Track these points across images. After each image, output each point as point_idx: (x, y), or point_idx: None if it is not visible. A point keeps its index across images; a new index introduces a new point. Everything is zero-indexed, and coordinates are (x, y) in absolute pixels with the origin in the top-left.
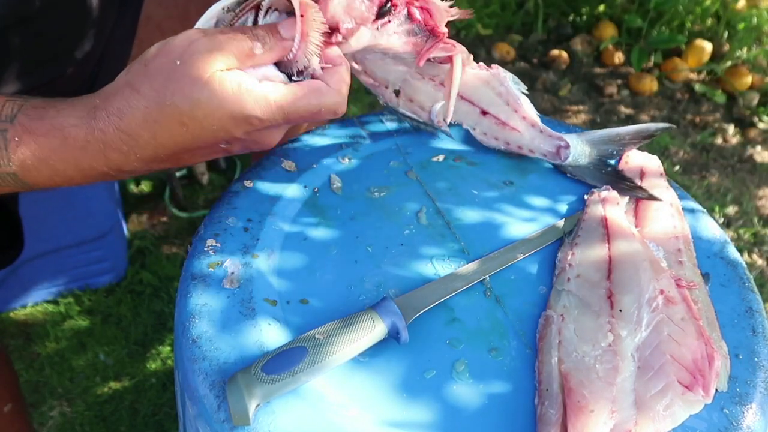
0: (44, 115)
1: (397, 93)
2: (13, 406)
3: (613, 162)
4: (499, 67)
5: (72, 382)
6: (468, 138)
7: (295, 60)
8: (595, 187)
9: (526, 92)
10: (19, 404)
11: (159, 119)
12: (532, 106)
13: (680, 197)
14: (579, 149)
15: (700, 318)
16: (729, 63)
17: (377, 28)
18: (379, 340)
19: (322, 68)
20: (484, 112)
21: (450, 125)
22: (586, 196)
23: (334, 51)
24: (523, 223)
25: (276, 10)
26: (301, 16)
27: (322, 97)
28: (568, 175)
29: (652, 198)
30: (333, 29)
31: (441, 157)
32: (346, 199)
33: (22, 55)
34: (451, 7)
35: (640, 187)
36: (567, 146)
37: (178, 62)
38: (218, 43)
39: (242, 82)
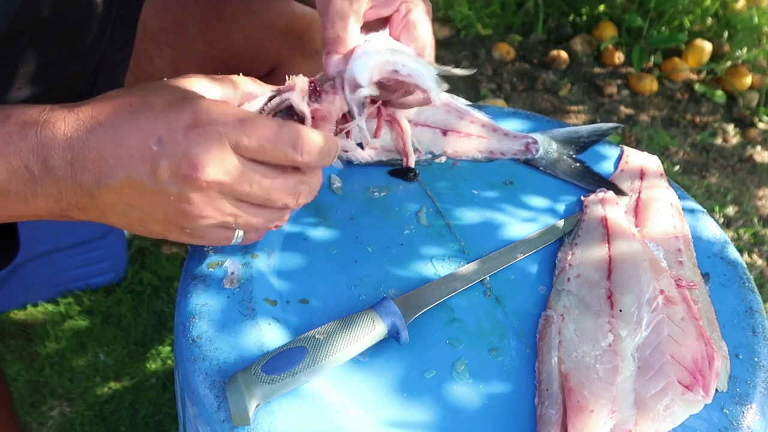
0: None
1: (361, 146)
2: (3, 415)
3: (581, 158)
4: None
5: (72, 382)
6: None
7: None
8: (582, 187)
9: (469, 103)
10: (10, 412)
11: (112, 97)
12: (483, 113)
13: (680, 197)
14: (547, 144)
15: (700, 318)
16: (729, 63)
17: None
18: (379, 340)
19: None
20: (444, 132)
21: (417, 149)
22: (582, 197)
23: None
24: (523, 223)
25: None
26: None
27: (299, 132)
28: (541, 169)
29: (619, 192)
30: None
31: (443, 159)
32: (346, 199)
33: (33, 59)
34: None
35: (609, 182)
36: (535, 141)
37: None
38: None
39: (212, 100)
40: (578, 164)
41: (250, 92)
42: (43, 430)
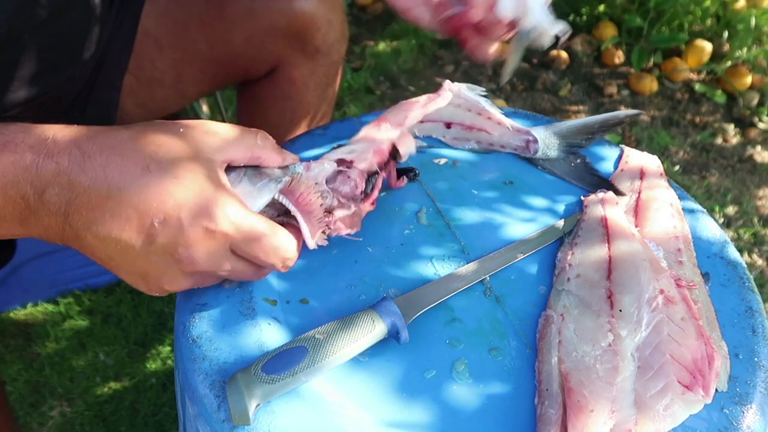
0: None
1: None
2: None
3: (583, 153)
4: (448, 82)
5: (72, 382)
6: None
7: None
8: (581, 187)
9: (484, 93)
10: (5, 411)
11: (125, 153)
12: (494, 105)
13: (680, 197)
14: (548, 142)
15: (700, 318)
16: (729, 63)
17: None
18: (379, 340)
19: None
20: (448, 125)
21: (416, 137)
22: (582, 197)
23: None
24: (522, 223)
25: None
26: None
27: (291, 250)
28: (539, 167)
29: (618, 193)
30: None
31: (443, 161)
32: None
33: (30, 61)
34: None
35: (608, 181)
36: (535, 140)
37: (181, 129)
38: (230, 142)
39: (230, 193)
40: (579, 161)
41: (260, 156)
42: (43, 430)
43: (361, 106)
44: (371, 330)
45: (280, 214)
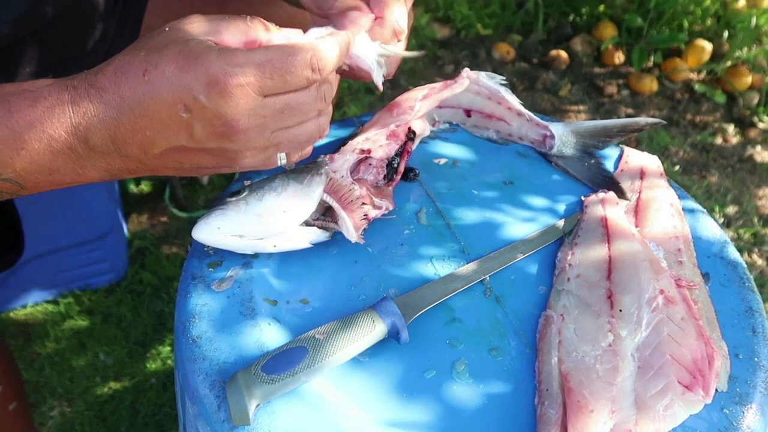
0: (17, 84)
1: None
2: (18, 405)
3: (597, 154)
4: (467, 69)
5: (72, 382)
6: (467, 141)
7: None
8: (586, 185)
9: (504, 82)
10: (23, 403)
11: (126, 69)
12: (513, 95)
13: (680, 197)
14: (564, 139)
15: (700, 318)
16: (729, 63)
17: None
18: (379, 340)
19: None
20: (468, 112)
21: (436, 121)
22: (582, 197)
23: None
24: (522, 223)
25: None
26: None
27: (313, 53)
28: (553, 164)
29: (623, 197)
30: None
31: (443, 161)
32: None
33: (36, 61)
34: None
35: (618, 183)
36: (552, 136)
37: (168, 28)
38: (218, 25)
39: (220, 48)
40: (593, 161)
41: (256, 38)
42: (43, 430)
43: (360, 106)
44: (371, 330)
45: (321, 215)
